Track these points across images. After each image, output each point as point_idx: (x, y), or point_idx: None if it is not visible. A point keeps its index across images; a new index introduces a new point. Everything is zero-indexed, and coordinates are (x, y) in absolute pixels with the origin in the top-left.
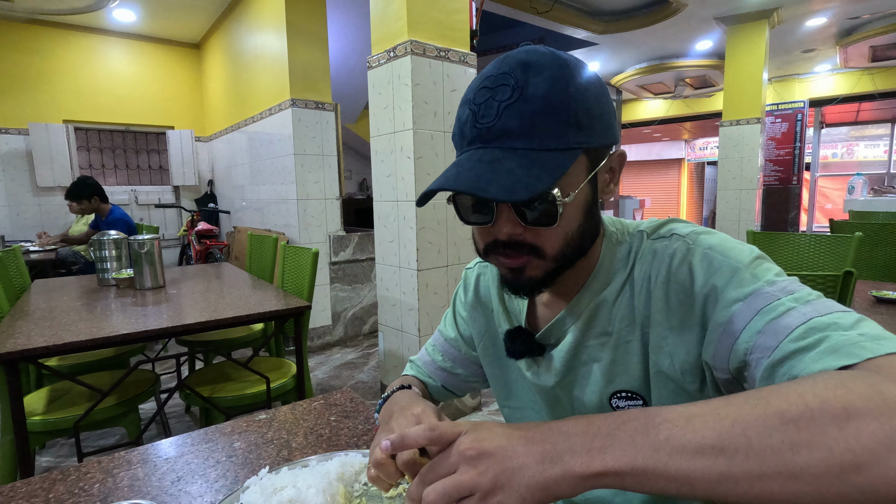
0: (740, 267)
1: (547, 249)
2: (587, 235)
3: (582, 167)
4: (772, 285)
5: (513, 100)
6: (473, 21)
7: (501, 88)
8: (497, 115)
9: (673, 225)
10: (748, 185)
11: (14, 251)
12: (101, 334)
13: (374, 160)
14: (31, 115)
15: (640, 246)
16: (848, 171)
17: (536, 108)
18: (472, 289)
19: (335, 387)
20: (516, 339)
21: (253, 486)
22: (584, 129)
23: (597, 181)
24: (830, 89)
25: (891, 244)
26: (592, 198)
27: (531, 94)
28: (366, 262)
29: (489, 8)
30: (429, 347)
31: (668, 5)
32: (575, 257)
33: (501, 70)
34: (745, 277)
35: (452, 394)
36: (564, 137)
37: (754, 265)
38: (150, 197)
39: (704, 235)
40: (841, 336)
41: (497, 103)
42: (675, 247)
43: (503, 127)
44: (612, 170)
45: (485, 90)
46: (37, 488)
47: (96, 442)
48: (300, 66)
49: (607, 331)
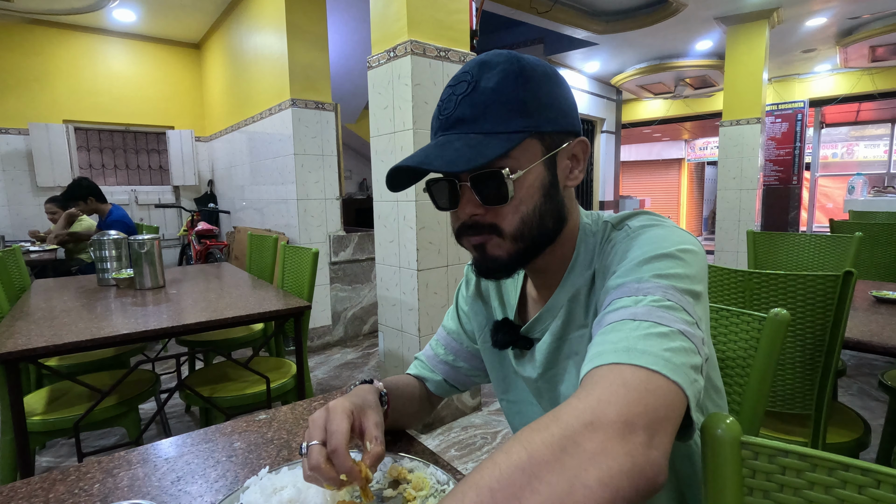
0: (639, 258)
1: (504, 227)
2: (547, 216)
3: (535, 150)
4: (639, 283)
5: (467, 92)
6: (473, 21)
7: (460, 84)
8: (455, 106)
9: (634, 217)
10: (748, 185)
11: (14, 251)
12: (101, 334)
13: (374, 160)
14: (31, 115)
15: (604, 237)
16: (848, 171)
17: (486, 99)
18: (472, 284)
19: (335, 387)
20: (500, 331)
21: (253, 486)
22: (533, 115)
23: (555, 166)
24: (830, 89)
25: (891, 244)
26: (551, 180)
27: (483, 86)
28: (366, 262)
29: (489, 8)
30: (432, 342)
31: (668, 5)
32: (538, 239)
33: (463, 70)
34: (630, 268)
35: (455, 388)
36: (511, 122)
37: (654, 260)
38: (150, 197)
39: (652, 229)
40: (612, 340)
41: (456, 97)
42: (621, 237)
43: (459, 115)
44: (575, 157)
45: (448, 88)
46: (37, 488)
47: (96, 442)
48: (300, 66)
49: (585, 323)
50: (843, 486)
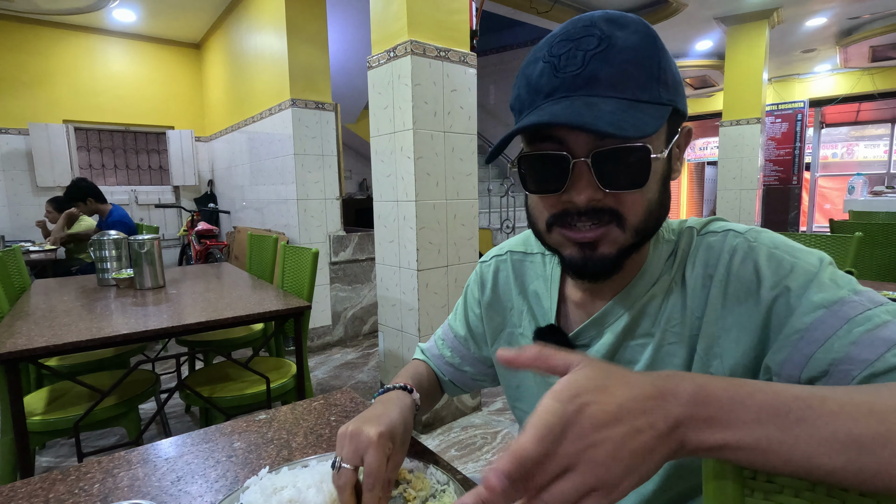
0: (816, 271)
1: (629, 217)
2: (663, 210)
3: (665, 130)
4: (858, 294)
5: (601, 48)
6: (473, 21)
7: (586, 39)
8: (583, 64)
9: (723, 222)
10: (748, 185)
11: (14, 251)
12: (101, 334)
13: (374, 160)
14: (31, 115)
15: (690, 243)
16: (848, 171)
17: (627, 59)
18: (489, 285)
19: (335, 387)
20: (548, 339)
21: (253, 486)
22: (671, 87)
23: (671, 153)
24: (830, 89)
25: (891, 244)
26: (667, 168)
27: (621, 44)
28: (366, 262)
29: (489, 8)
30: (438, 340)
31: (668, 5)
32: (649, 236)
33: (583, 23)
34: (824, 283)
35: (459, 389)
36: (657, 92)
37: (829, 270)
38: (150, 197)
39: (765, 234)
40: None
41: (582, 52)
42: (735, 243)
43: (591, 74)
44: (680, 146)
45: (565, 42)
46: (37, 488)
47: (96, 442)
48: (300, 66)
49: (650, 332)
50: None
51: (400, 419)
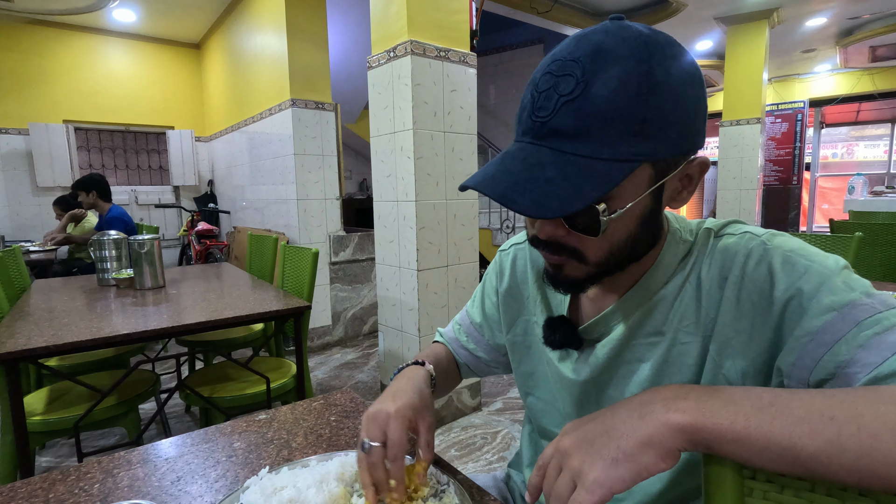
0: (829, 274)
1: (589, 256)
2: (640, 244)
3: (643, 178)
4: (870, 297)
5: (573, 96)
6: (473, 21)
7: (565, 79)
8: (553, 111)
9: (741, 224)
10: (748, 185)
11: (14, 251)
12: (102, 334)
13: (374, 160)
14: (31, 115)
15: (707, 244)
16: (848, 171)
17: (597, 110)
18: (507, 273)
19: (335, 387)
20: (557, 330)
21: (253, 486)
22: (652, 137)
23: (662, 191)
24: (830, 89)
25: (891, 244)
26: (652, 208)
27: (594, 92)
28: (366, 262)
29: (489, 8)
30: (455, 325)
31: (668, 5)
32: (623, 264)
33: (572, 55)
34: (837, 285)
35: (473, 373)
36: (623, 147)
37: (844, 274)
38: (150, 197)
39: (781, 237)
40: None
41: (556, 97)
42: (752, 246)
43: (556, 125)
44: (689, 177)
45: (549, 76)
46: (37, 488)
47: (96, 442)
48: (300, 66)
49: (660, 330)
50: (844, 488)
51: (414, 389)
